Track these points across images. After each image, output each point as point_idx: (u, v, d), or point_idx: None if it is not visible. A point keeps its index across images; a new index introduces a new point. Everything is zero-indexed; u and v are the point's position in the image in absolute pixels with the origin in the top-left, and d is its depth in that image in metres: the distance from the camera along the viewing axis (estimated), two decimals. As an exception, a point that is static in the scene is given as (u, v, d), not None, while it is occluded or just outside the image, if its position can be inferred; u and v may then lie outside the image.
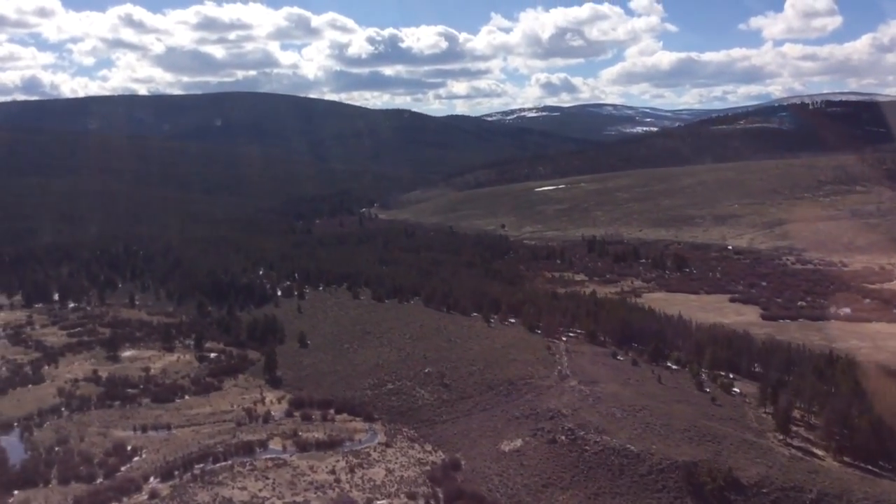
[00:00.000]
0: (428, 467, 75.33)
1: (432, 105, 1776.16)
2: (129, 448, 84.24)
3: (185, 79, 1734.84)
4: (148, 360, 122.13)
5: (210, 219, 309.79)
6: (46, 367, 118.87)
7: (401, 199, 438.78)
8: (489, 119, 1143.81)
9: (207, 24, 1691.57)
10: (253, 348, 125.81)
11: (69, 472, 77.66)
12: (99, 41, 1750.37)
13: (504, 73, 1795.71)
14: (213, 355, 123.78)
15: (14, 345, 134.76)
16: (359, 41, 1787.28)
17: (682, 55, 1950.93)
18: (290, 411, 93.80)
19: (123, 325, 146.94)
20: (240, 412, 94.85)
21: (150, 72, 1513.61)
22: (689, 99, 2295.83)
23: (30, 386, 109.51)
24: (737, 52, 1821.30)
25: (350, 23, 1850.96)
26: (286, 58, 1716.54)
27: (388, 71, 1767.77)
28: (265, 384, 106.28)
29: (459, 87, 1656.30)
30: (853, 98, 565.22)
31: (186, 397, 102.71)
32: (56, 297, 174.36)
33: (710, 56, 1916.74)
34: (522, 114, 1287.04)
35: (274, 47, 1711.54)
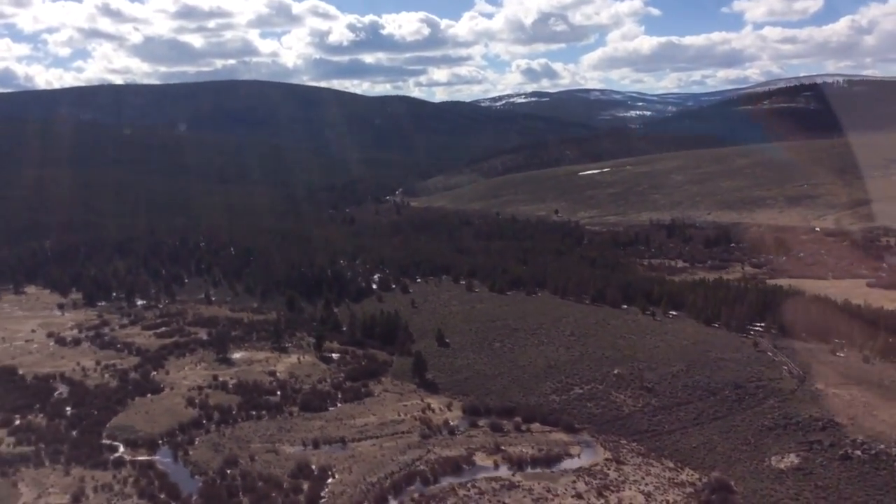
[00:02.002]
0: (689, 489, 65.06)
1: (412, 93, 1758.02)
2: (313, 468, 73.33)
3: (163, 69, 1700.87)
4: (265, 362, 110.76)
5: (243, 209, 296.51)
6: (155, 374, 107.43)
7: (423, 185, 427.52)
8: (481, 105, 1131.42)
9: (187, 13, 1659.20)
10: (375, 348, 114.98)
11: (262, 502, 66.77)
12: (75, 31, 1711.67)
13: (485, 60, 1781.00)
14: (335, 356, 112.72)
15: (102, 348, 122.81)
16: (339, 28, 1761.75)
17: (663, 39, 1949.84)
18: (474, 421, 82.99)
19: (211, 323, 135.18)
20: (413, 422, 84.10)
21: (126, 62, 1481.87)
22: (668, 83, 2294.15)
23: (149, 396, 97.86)
24: (717, 36, 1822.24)
25: (332, 9, 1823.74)
26: (266, 46, 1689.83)
27: (368, 59, 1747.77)
28: (418, 389, 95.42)
29: (440, 74, 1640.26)
30: (874, 77, 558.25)
31: (339, 405, 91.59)
32: (117, 294, 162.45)
33: (690, 40, 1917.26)
34: (511, 100, 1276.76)
35: (254, 35, 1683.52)
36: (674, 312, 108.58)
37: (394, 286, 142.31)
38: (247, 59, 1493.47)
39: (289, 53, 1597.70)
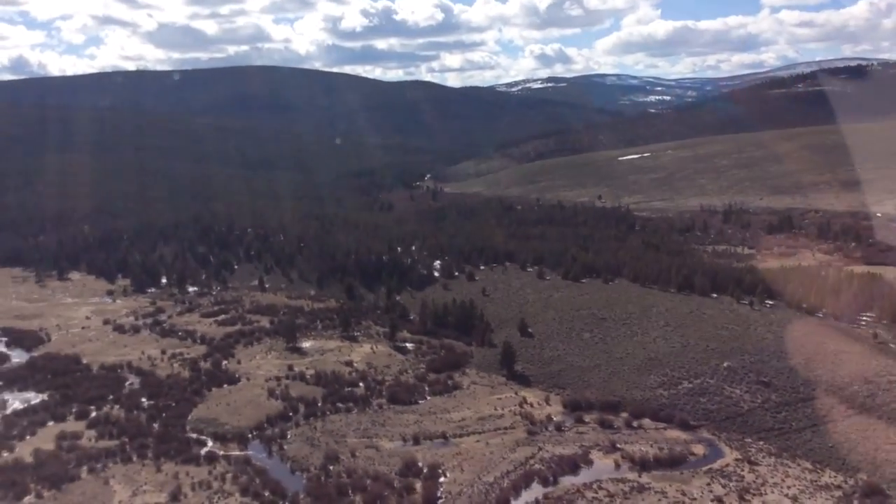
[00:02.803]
0: (836, 492, 60.39)
1: (424, 79, 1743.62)
2: (420, 465, 69.25)
3: (176, 55, 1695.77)
4: (338, 351, 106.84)
5: (274, 195, 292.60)
6: (226, 363, 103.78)
7: (451, 171, 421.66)
8: (500, 90, 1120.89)
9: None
10: (449, 337, 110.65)
11: (376, 502, 62.78)
12: (89, 18, 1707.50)
13: (498, 45, 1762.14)
14: (409, 346, 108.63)
15: (164, 336, 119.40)
16: (353, 14, 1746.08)
17: (679, 23, 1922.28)
18: (579, 416, 78.51)
19: (271, 311, 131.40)
20: (513, 417, 79.81)
21: (140, 49, 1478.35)
22: (682, 68, 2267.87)
23: (226, 387, 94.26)
24: (733, 20, 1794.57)
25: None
26: (279, 32, 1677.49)
27: (381, 44, 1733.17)
28: (508, 381, 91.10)
29: (453, 59, 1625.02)
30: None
31: (428, 398, 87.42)
32: (169, 281, 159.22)
33: (706, 24, 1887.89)
34: (527, 85, 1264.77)
35: (266, 21, 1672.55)
36: (770, 301, 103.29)
37: (457, 273, 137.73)
38: (259, 45, 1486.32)
39: (301, 39, 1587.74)
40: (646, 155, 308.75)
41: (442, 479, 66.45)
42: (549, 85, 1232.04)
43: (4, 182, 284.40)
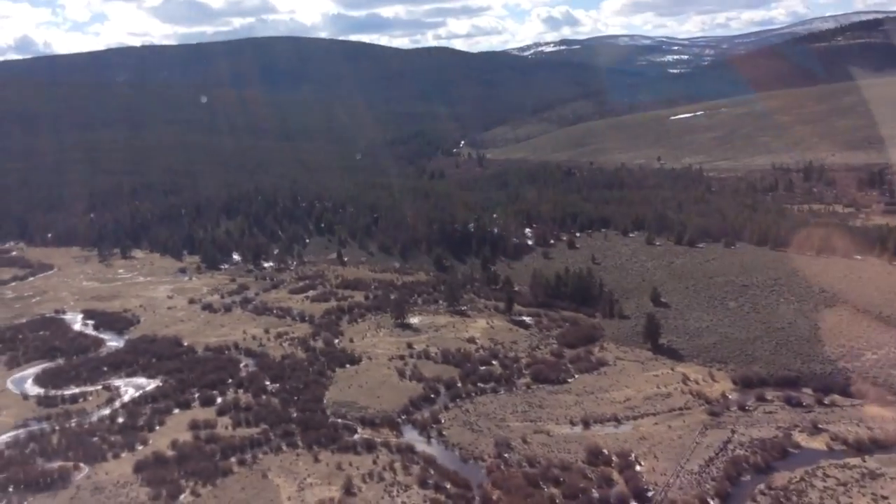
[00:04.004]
0: None
1: (430, 45, 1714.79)
2: (605, 452, 63.30)
3: (181, 30, 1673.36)
4: (452, 327, 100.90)
5: (319, 166, 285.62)
6: (338, 342, 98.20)
7: (486, 137, 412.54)
8: (516, 55, 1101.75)
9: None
10: (566, 309, 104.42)
11: (578, 495, 56.99)
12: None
13: (505, 9, 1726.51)
14: (527, 319, 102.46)
15: (259, 314, 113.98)
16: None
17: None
18: (760, 394, 72.04)
19: (361, 286, 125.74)
20: (684, 396, 73.56)
21: (144, 25, 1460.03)
22: (691, 27, 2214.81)
23: (349, 367, 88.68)
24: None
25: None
26: (283, 3, 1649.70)
27: (386, 12, 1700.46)
28: (656, 356, 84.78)
29: (458, 25, 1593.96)
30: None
31: (576, 376, 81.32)
32: (244, 256, 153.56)
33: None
34: (540, 49, 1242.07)
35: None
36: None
37: (552, 241, 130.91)
38: (265, 16, 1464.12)
39: (306, 9, 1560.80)
40: (699, 114, 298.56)
41: (637, 468, 60.46)
42: (563, 48, 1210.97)
43: (43, 161, 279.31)
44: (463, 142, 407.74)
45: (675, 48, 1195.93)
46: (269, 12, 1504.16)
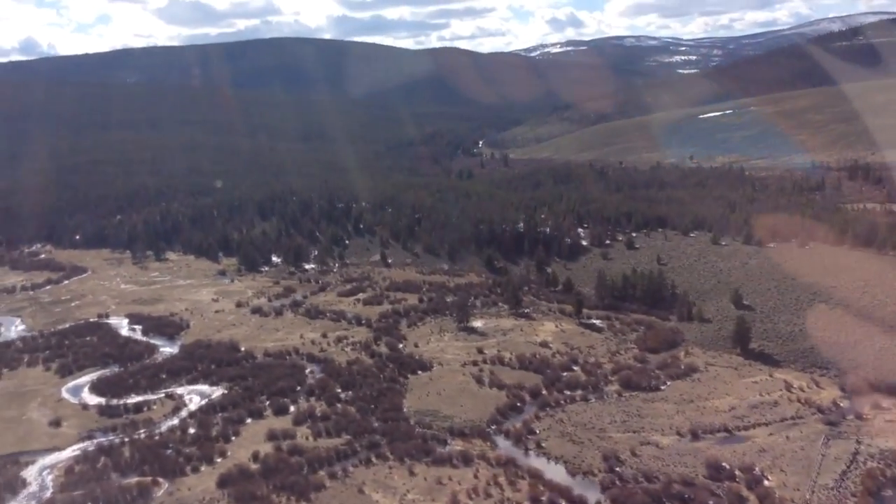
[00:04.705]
0: None
1: (434, 46, 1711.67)
2: (726, 466, 59.25)
3: (185, 31, 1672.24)
4: (519, 331, 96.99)
5: (342, 167, 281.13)
6: (402, 346, 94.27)
7: (504, 137, 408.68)
8: (527, 56, 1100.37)
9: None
10: (636, 312, 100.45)
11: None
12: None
13: (510, 11, 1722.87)
14: (598, 322, 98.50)
15: (312, 318, 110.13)
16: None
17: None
18: (875, 402, 67.93)
19: (412, 288, 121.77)
20: (791, 404, 69.43)
21: (149, 26, 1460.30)
22: (695, 28, 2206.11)
23: (421, 374, 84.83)
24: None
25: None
26: (287, 5, 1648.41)
27: (390, 14, 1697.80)
28: (749, 361, 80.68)
29: (462, 27, 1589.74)
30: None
31: (668, 383, 77.31)
32: (285, 258, 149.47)
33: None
34: (546, 49, 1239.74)
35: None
36: None
37: (608, 241, 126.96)
38: (269, 18, 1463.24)
39: (311, 12, 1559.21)
40: (728, 112, 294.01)
41: (766, 484, 56.46)
42: (570, 49, 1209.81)
43: (63, 163, 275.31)
44: (482, 142, 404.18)
45: (683, 49, 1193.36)
46: (273, 14, 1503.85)
